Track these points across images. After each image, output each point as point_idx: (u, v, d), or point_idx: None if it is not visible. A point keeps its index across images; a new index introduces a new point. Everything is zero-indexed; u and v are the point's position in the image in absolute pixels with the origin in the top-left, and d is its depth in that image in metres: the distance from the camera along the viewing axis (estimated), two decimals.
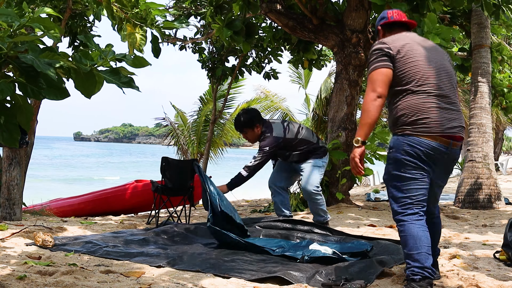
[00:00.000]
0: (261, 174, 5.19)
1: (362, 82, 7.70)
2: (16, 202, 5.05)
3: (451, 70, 2.82)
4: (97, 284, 2.53)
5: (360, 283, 2.69)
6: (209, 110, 14.40)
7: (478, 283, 2.72)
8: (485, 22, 7.56)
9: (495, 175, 7.33)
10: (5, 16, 1.70)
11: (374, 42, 2.83)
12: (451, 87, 2.74)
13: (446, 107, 2.67)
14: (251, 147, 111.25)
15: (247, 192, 13.46)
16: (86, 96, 1.77)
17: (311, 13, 6.98)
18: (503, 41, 14.04)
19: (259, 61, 10.39)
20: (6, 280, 2.44)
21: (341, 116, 7.08)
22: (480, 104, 7.43)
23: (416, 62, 2.68)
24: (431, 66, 2.70)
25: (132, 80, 1.80)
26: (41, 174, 27.96)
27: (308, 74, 16.52)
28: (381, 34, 2.95)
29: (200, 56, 10.85)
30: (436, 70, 2.71)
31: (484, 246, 4.01)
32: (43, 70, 1.59)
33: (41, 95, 1.67)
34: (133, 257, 3.25)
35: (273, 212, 7.01)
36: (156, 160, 7.04)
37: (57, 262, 3.00)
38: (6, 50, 1.63)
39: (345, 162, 6.97)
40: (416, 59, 2.68)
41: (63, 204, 7.86)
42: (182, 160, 10.39)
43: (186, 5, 9.23)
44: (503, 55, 8.57)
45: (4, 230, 3.93)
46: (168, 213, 5.92)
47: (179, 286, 2.61)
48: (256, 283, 2.75)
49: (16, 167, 5.08)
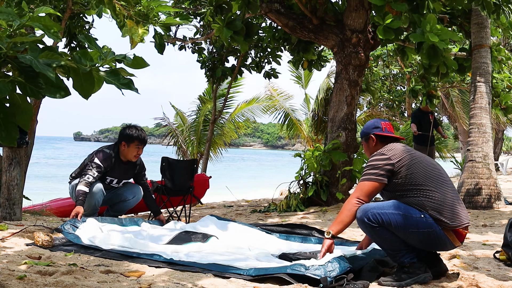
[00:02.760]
0: (261, 174, 5.17)
1: (362, 82, 7.70)
2: (16, 202, 5.05)
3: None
4: (97, 284, 2.52)
5: (363, 283, 2.69)
6: (208, 110, 14.40)
7: (478, 283, 2.72)
8: (485, 22, 7.55)
9: (495, 175, 7.32)
10: (6, 15, 1.69)
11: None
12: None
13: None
14: (251, 147, 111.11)
15: (247, 192, 13.49)
16: (84, 97, 1.76)
17: (311, 13, 6.98)
18: (502, 43, 14.07)
19: (259, 61, 10.39)
20: (6, 280, 2.44)
21: (341, 116, 7.08)
22: (480, 104, 7.42)
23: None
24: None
25: (131, 81, 1.80)
26: (41, 174, 27.95)
27: (308, 74, 16.52)
28: (375, 142, 3.03)
29: (200, 56, 10.85)
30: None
31: (484, 246, 4.01)
32: (42, 70, 1.59)
33: (41, 94, 1.66)
34: (133, 257, 3.24)
35: (273, 212, 7.01)
36: (156, 160, 7.03)
37: (57, 262, 3.00)
38: (5, 50, 1.63)
39: (345, 162, 6.97)
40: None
41: (63, 204, 7.85)
42: (182, 160, 10.38)
43: (185, 5, 9.24)
44: (501, 56, 8.56)
45: (4, 230, 3.93)
46: (168, 213, 5.91)
47: (179, 286, 2.61)
48: (256, 283, 2.75)
49: (16, 167, 5.08)
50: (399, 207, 2.76)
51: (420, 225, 2.71)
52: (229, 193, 10.15)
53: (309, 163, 7.11)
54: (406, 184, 2.79)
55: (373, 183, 2.82)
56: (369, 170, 2.85)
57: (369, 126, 3.08)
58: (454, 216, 2.74)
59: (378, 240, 2.82)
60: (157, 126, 19.28)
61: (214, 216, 4.61)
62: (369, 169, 2.86)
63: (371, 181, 2.83)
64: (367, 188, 2.84)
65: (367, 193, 2.83)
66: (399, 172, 2.80)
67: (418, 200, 2.75)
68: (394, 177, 2.82)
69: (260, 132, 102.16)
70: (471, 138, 7.46)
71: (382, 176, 2.81)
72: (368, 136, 3.06)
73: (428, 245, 2.78)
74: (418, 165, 2.81)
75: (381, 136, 3.02)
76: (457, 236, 2.78)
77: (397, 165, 2.80)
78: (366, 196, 2.84)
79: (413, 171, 2.79)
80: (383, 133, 3.01)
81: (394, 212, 2.74)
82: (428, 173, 2.80)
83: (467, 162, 7.43)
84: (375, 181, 2.82)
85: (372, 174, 2.83)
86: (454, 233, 2.77)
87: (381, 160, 2.83)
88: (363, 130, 3.10)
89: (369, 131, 3.06)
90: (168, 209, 5.93)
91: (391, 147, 2.90)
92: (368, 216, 2.76)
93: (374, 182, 2.82)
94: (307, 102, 17.44)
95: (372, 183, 2.82)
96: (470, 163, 7.35)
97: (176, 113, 15.87)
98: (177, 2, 9.46)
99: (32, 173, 16.09)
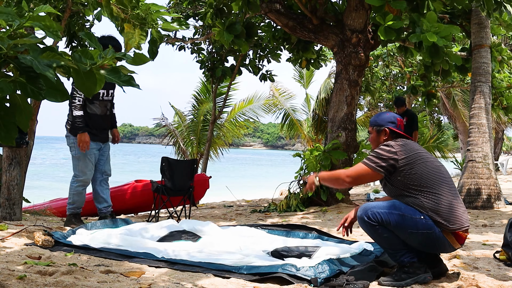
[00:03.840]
0: (261, 174, 5.20)
1: (362, 82, 7.69)
2: (16, 202, 5.05)
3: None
4: (97, 284, 2.52)
5: (363, 283, 2.69)
6: (206, 110, 14.38)
7: (478, 283, 2.72)
8: (485, 22, 7.55)
9: (495, 175, 7.32)
10: (5, 15, 1.69)
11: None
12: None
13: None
14: (251, 147, 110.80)
15: (247, 192, 13.49)
16: (86, 95, 1.77)
17: (311, 13, 6.98)
18: (502, 42, 14.06)
19: (257, 61, 10.37)
20: (6, 280, 2.44)
21: (341, 116, 7.08)
22: (480, 104, 7.42)
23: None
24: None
25: (132, 78, 1.79)
26: (41, 174, 27.95)
27: (309, 74, 16.52)
28: (387, 137, 3.01)
29: (199, 56, 10.85)
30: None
31: (484, 246, 4.01)
32: (42, 71, 1.58)
33: (41, 95, 1.66)
34: (133, 257, 3.24)
35: (273, 212, 7.01)
36: (156, 160, 7.03)
37: (57, 262, 3.00)
38: (6, 50, 1.62)
39: (345, 162, 6.97)
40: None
41: (63, 204, 7.85)
42: (182, 160, 10.39)
43: (184, 5, 9.23)
44: (503, 55, 8.56)
45: (4, 230, 3.92)
46: (168, 213, 5.91)
47: (179, 286, 2.61)
48: (256, 283, 2.75)
49: (16, 167, 5.08)
50: (399, 207, 2.75)
51: (419, 226, 2.71)
52: (229, 193, 10.15)
53: (309, 163, 7.11)
54: (407, 183, 2.79)
55: (368, 169, 2.83)
56: (373, 157, 2.84)
57: (385, 119, 3.01)
58: (454, 219, 2.74)
59: (378, 239, 2.82)
60: (156, 126, 19.28)
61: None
62: (373, 156, 2.84)
63: (368, 167, 2.83)
64: (359, 171, 2.85)
65: (356, 175, 2.86)
66: (402, 169, 2.79)
67: (418, 201, 2.75)
68: (396, 173, 2.80)
69: (260, 132, 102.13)
70: (471, 138, 7.45)
71: (382, 167, 2.80)
72: (382, 129, 3.00)
73: (427, 246, 2.78)
74: (422, 166, 2.80)
75: (395, 132, 3.00)
76: (457, 238, 2.78)
77: (401, 162, 2.79)
78: (355, 178, 2.88)
79: (416, 171, 2.78)
80: (397, 130, 2.98)
81: (394, 212, 2.74)
82: (431, 175, 2.79)
83: (467, 162, 7.42)
84: (372, 169, 2.82)
85: (373, 162, 2.82)
86: (454, 236, 2.76)
87: (388, 152, 2.81)
88: (378, 121, 3.02)
89: (384, 123, 3.00)
90: (168, 209, 5.93)
91: (400, 142, 2.87)
92: (368, 214, 2.76)
93: (369, 169, 2.82)
94: (307, 102, 17.45)
95: (367, 169, 2.83)
96: (470, 163, 7.35)
97: (175, 113, 15.85)
98: (176, 3, 9.46)
99: (32, 173, 16.10)
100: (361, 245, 3.54)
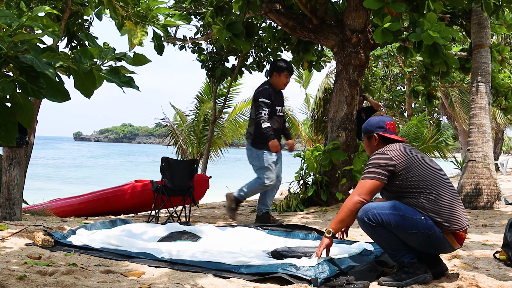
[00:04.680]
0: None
1: (362, 82, 7.69)
2: (16, 202, 5.05)
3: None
4: (97, 284, 2.52)
5: (363, 283, 2.69)
6: (207, 110, 14.39)
7: (478, 283, 2.72)
8: (485, 22, 7.55)
9: (495, 175, 7.32)
10: (4, 18, 1.69)
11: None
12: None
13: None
14: None
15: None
16: (86, 96, 1.77)
17: (311, 13, 6.97)
18: (503, 42, 14.04)
19: (259, 60, 10.38)
20: (6, 280, 2.44)
21: (341, 116, 7.07)
22: (480, 104, 7.42)
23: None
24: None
25: (132, 79, 1.79)
26: (41, 174, 27.94)
27: (308, 74, 16.49)
28: (377, 142, 3.02)
29: (200, 56, 10.85)
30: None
31: (484, 246, 4.01)
32: (43, 70, 1.59)
33: (42, 94, 1.66)
34: (133, 257, 3.25)
35: (273, 212, 7.01)
36: (156, 160, 7.03)
37: (57, 262, 3.00)
38: (6, 49, 1.62)
39: (345, 162, 6.96)
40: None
41: (63, 204, 7.86)
42: (182, 160, 10.38)
43: (186, 5, 9.23)
44: (504, 55, 8.56)
45: (4, 230, 3.92)
46: (168, 213, 5.92)
47: (179, 286, 2.61)
48: (256, 283, 2.75)
49: (16, 167, 5.08)
50: (399, 208, 2.76)
51: (419, 227, 2.71)
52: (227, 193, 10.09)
53: (309, 163, 7.11)
54: (406, 185, 2.80)
55: (374, 181, 2.81)
56: (371, 168, 2.84)
57: (373, 124, 3.04)
58: (454, 219, 2.74)
59: (378, 239, 2.82)
60: (157, 126, 19.28)
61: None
62: (370, 167, 2.85)
63: (372, 180, 2.82)
64: (368, 186, 2.82)
65: (368, 191, 2.82)
66: (400, 173, 2.80)
67: (418, 202, 2.76)
68: (394, 178, 2.82)
69: None
70: (471, 138, 7.45)
71: (383, 175, 2.81)
72: (371, 135, 3.03)
73: (428, 247, 2.78)
74: (418, 167, 2.81)
75: (384, 136, 3.02)
76: (457, 238, 2.78)
77: (398, 166, 2.80)
78: (367, 194, 2.82)
79: (414, 173, 2.79)
80: (386, 135, 3.00)
81: (394, 212, 2.74)
82: (428, 176, 2.80)
83: (467, 162, 7.42)
84: (377, 179, 2.81)
85: (373, 172, 2.82)
86: (454, 236, 2.77)
87: (383, 159, 2.82)
88: (367, 127, 3.06)
89: (372, 129, 3.03)
90: (168, 209, 5.93)
91: (392, 147, 2.89)
92: (368, 215, 2.76)
93: (375, 180, 2.81)
94: (307, 102, 17.44)
95: (374, 182, 2.81)
96: (470, 163, 7.35)
97: (176, 113, 15.86)
98: (177, 2, 9.46)
99: (32, 173, 16.09)
100: (361, 245, 3.54)
